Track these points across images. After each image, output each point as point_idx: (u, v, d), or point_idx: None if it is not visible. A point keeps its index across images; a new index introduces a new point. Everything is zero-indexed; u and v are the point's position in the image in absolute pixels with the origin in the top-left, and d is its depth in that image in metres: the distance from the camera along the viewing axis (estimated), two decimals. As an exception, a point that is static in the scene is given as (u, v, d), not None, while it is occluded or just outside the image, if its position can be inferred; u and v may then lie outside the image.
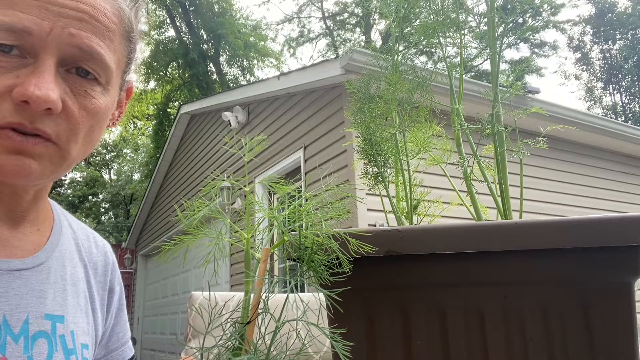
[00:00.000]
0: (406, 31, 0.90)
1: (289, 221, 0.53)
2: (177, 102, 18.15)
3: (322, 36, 22.22)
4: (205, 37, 18.95)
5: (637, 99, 22.62)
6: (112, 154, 24.26)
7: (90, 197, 22.54)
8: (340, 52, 20.85)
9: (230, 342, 0.47)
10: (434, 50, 0.87)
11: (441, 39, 0.82)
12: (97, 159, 23.40)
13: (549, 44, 21.02)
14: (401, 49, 0.89)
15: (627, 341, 0.52)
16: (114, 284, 0.85)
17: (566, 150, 5.61)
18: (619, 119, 20.99)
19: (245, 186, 0.53)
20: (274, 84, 5.43)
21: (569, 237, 0.52)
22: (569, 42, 23.47)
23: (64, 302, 0.71)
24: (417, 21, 0.87)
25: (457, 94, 0.80)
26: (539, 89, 5.63)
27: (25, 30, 0.55)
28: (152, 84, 19.94)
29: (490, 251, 0.54)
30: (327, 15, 21.69)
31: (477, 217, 0.76)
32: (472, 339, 0.55)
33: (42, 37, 0.56)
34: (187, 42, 18.43)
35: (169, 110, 18.21)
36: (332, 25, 21.96)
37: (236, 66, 19.93)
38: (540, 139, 0.86)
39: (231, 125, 6.45)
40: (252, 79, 19.62)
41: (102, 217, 23.29)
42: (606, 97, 23.66)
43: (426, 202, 0.88)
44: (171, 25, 18.81)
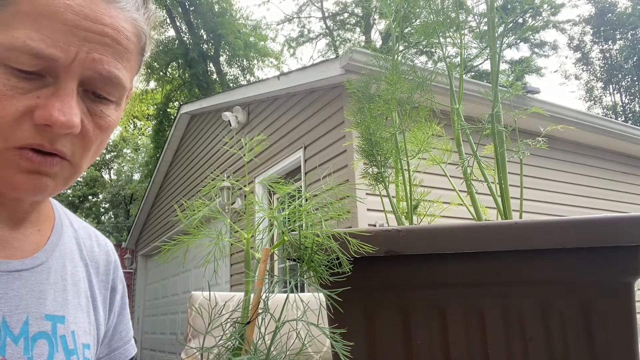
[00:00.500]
0: (406, 31, 0.90)
1: (289, 221, 0.53)
2: (177, 102, 18.14)
3: (322, 36, 22.22)
4: (205, 37, 18.94)
5: (637, 99, 22.62)
6: (112, 154, 24.26)
7: (90, 197, 22.55)
8: (340, 52, 20.85)
9: (230, 342, 0.47)
10: (434, 50, 0.87)
11: (441, 39, 0.82)
12: (97, 159, 23.36)
13: (549, 44, 21.02)
14: (401, 49, 0.89)
15: (627, 341, 0.52)
16: (117, 282, 0.85)
17: (566, 150, 5.61)
18: (619, 119, 20.98)
19: (245, 186, 0.53)
20: (274, 84, 5.43)
21: (569, 237, 0.52)
22: (569, 42, 23.47)
23: (64, 303, 0.71)
24: (417, 21, 0.87)
25: (457, 94, 0.80)
26: (539, 89, 5.63)
27: (51, 57, 0.54)
28: (152, 84, 19.94)
29: (490, 251, 0.54)
30: (327, 15, 21.69)
31: (477, 217, 0.76)
32: (472, 339, 0.55)
33: (67, 63, 0.56)
34: (187, 42, 18.42)
35: (169, 110, 18.21)
36: (332, 25, 21.96)
37: (236, 66, 19.92)
38: (540, 139, 0.86)
39: (231, 125, 6.45)
40: (252, 79, 19.61)
41: (102, 217, 23.30)
42: (606, 97, 23.67)
43: (426, 202, 0.88)
44: (171, 25, 18.79)
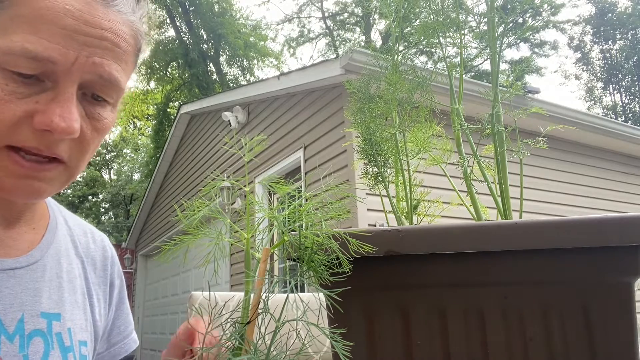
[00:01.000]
0: (406, 31, 0.90)
1: (289, 221, 0.53)
2: (177, 102, 18.14)
3: (322, 36, 22.22)
4: (205, 37, 18.94)
5: (637, 99, 22.61)
6: (112, 154, 24.26)
7: (90, 197, 22.54)
8: (340, 52, 20.84)
9: (230, 342, 0.47)
10: (434, 50, 0.87)
11: (441, 39, 0.82)
12: (97, 159, 23.39)
13: (549, 44, 21.02)
14: (401, 49, 0.89)
15: (627, 341, 0.52)
16: (114, 277, 0.85)
17: (566, 150, 5.61)
18: (619, 119, 20.97)
19: (245, 186, 0.53)
20: (274, 84, 5.42)
21: (569, 237, 0.52)
22: (569, 42, 23.47)
23: (60, 300, 0.71)
24: (417, 21, 0.87)
25: (457, 94, 0.80)
26: (539, 89, 5.63)
27: (49, 60, 0.54)
28: (152, 84, 19.94)
29: (490, 251, 0.54)
30: (327, 15, 21.69)
31: (477, 217, 0.76)
32: (472, 339, 0.55)
33: (66, 67, 0.55)
34: (187, 42, 18.42)
35: (169, 110, 18.20)
36: (332, 25, 21.95)
37: (236, 66, 19.92)
38: (540, 139, 0.86)
39: (231, 125, 6.45)
40: (252, 79, 19.61)
41: (102, 217, 23.29)
42: (606, 97, 23.67)
43: (426, 202, 0.88)
44: (171, 25, 18.79)
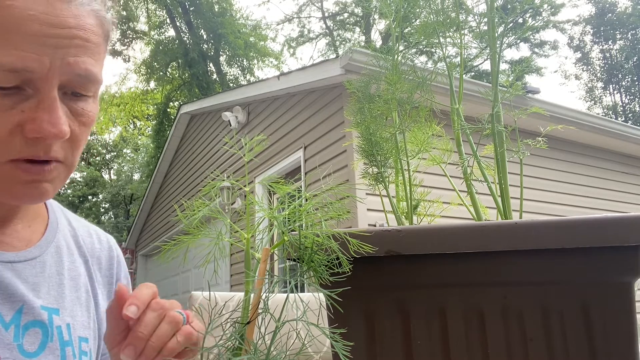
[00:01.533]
0: (406, 31, 0.90)
1: (289, 221, 0.53)
2: (177, 102, 18.14)
3: (322, 36, 22.22)
4: (205, 37, 18.94)
5: (637, 99, 22.62)
6: (112, 154, 24.26)
7: (90, 197, 22.54)
8: (340, 52, 20.83)
9: (230, 342, 0.47)
10: (434, 50, 0.87)
11: (441, 39, 0.82)
12: (97, 159, 23.40)
13: (549, 44, 21.02)
14: (401, 49, 0.89)
15: (627, 341, 0.52)
16: (120, 277, 0.87)
17: (566, 150, 5.61)
18: (619, 119, 20.97)
19: (245, 186, 0.53)
20: (274, 84, 5.43)
21: (569, 237, 0.52)
22: (569, 41, 23.47)
23: (59, 296, 0.72)
24: (417, 21, 0.87)
25: (457, 94, 0.80)
26: (539, 89, 5.63)
27: (26, 69, 0.55)
28: (152, 84, 19.95)
29: (490, 251, 0.54)
30: (327, 15, 21.69)
31: (477, 217, 0.76)
32: (472, 339, 0.55)
33: (43, 73, 0.56)
34: (187, 42, 18.42)
35: (169, 110, 18.21)
36: (332, 25, 21.95)
37: (236, 66, 19.93)
38: (540, 139, 0.86)
39: (231, 125, 6.45)
40: (252, 79, 19.60)
41: (102, 217, 23.29)
42: (606, 97, 23.67)
43: (426, 202, 0.88)
44: (171, 25, 18.80)
